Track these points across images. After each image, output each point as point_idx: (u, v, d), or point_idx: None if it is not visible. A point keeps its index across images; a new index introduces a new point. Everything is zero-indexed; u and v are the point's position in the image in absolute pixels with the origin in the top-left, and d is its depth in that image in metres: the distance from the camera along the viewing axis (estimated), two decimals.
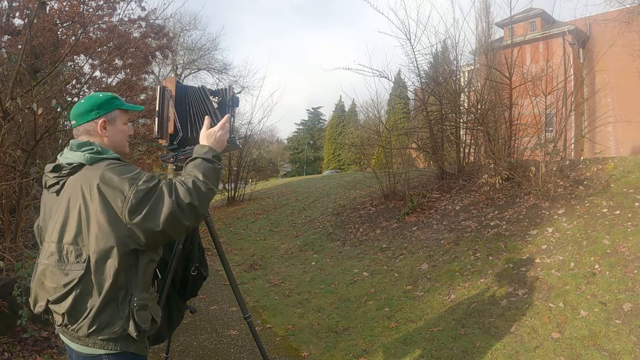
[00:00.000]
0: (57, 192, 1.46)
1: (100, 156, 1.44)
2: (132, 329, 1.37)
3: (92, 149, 1.45)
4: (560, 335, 3.12)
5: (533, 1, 10.44)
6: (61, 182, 1.45)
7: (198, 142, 2.09)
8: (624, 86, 15.54)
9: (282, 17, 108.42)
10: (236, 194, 13.51)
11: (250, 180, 15.71)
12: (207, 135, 1.64)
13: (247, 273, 6.03)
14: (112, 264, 1.34)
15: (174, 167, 2.06)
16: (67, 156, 1.45)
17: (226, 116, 1.73)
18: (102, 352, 1.37)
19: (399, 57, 27.44)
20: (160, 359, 2.98)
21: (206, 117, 1.73)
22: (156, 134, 1.99)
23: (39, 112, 3.55)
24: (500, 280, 4.16)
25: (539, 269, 4.14)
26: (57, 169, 1.46)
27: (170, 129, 2.00)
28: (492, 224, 5.52)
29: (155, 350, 3.09)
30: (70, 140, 1.51)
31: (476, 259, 4.76)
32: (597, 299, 3.43)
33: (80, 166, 1.43)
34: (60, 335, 1.46)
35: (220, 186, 16.12)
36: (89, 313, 1.33)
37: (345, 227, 7.58)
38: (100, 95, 1.57)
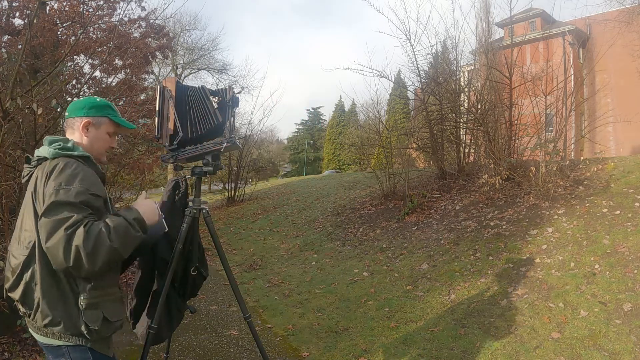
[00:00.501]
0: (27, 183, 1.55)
1: (65, 152, 1.49)
2: (83, 328, 1.40)
3: (60, 144, 1.50)
4: (560, 335, 3.12)
5: (533, 1, 10.46)
6: (30, 174, 1.54)
7: (198, 142, 2.10)
8: (624, 86, 15.54)
9: (282, 17, 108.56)
10: (236, 194, 13.52)
11: (250, 180, 15.72)
12: (140, 204, 1.59)
13: (247, 273, 6.03)
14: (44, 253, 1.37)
15: (174, 167, 2.06)
16: (40, 150, 1.53)
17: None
18: (60, 343, 1.40)
19: (399, 57, 27.53)
20: (160, 359, 2.98)
21: (141, 193, 1.70)
22: (156, 134, 2.00)
23: (39, 112, 3.55)
24: (500, 280, 4.16)
25: (539, 269, 4.14)
26: (28, 160, 1.56)
27: (170, 129, 2.00)
28: (492, 224, 5.52)
29: (155, 350, 3.09)
30: (45, 137, 1.57)
31: (476, 259, 4.76)
32: (597, 299, 3.43)
33: (45, 159, 1.50)
34: (29, 328, 1.49)
35: (220, 186, 16.13)
36: (38, 302, 1.37)
37: (345, 227, 7.58)
38: (97, 100, 1.64)
